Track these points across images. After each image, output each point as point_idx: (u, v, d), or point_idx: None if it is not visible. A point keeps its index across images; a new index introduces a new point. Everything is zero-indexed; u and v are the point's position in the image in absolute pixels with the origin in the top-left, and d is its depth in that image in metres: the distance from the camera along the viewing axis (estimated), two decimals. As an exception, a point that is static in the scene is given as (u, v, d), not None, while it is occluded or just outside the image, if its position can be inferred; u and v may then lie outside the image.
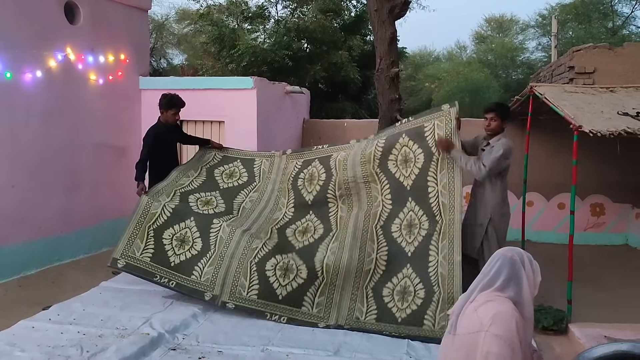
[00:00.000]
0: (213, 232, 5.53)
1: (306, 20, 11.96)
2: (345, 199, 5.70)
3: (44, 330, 4.63)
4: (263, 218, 5.79)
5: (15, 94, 6.14)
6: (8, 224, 6.12)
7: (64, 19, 6.80)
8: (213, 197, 5.96)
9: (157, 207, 5.62)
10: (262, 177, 6.19)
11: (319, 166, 5.92)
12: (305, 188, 5.87)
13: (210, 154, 6.41)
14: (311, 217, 5.72)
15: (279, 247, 5.41)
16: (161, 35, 24.99)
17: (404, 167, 5.36)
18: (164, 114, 6.15)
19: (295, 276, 5.22)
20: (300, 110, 9.57)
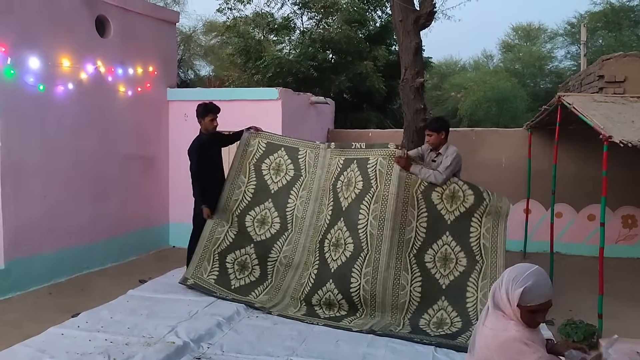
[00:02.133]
0: (270, 262, 5.95)
1: (331, 31, 12.01)
2: (377, 214, 5.42)
3: (73, 337, 4.73)
4: (312, 229, 5.82)
5: (47, 106, 6.31)
6: (40, 233, 6.27)
7: (95, 32, 6.98)
8: (267, 211, 6.08)
9: (221, 232, 6.03)
10: (307, 170, 6.06)
11: (356, 171, 5.65)
12: (342, 192, 5.69)
13: (254, 140, 6.33)
14: (341, 226, 5.56)
15: (320, 277, 5.52)
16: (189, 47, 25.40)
17: (449, 202, 5.43)
18: (203, 123, 6.19)
19: (338, 309, 5.41)
20: (324, 120, 9.61)
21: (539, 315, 2.15)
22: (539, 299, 2.10)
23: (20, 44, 5.93)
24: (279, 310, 5.50)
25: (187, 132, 8.18)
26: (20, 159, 6.01)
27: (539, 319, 2.16)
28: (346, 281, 5.36)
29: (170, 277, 6.73)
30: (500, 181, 8.70)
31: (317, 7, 12.78)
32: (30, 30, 6.06)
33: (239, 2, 12.84)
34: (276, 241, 5.95)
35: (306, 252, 5.74)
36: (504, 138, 8.79)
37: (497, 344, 2.15)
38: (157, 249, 8.22)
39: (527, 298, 2.09)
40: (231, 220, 6.09)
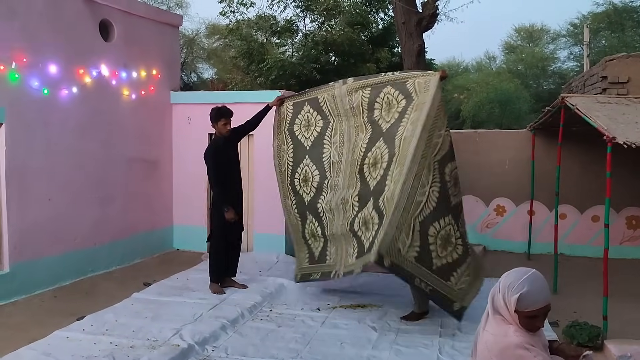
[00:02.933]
0: (322, 216, 5.94)
1: (334, 33, 12.04)
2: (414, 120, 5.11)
3: (78, 340, 4.73)
4: (349, 166, 5.72)
5: (51, 110, 6.34)
6: (44, 236, 6.29)
7: (98, 36, 7.01)
8: (307, 167, 6.09)
9: (294, 219, 6.18)
10: (333, 114, 5.97)
11: (394, 92, 5.40)
12: (382, 117, 5.46)
13: (283, 107, 6.36)
14: (380, 145, 5.35)
15: (363, 200, 5.39)
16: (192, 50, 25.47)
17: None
18: (217, 127, 6.19)
19: (372, 226, 5.10)
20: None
21: (537, 320, 2.13)
22: (536, 304, 2.08)
23: (25, 48, 5.96)
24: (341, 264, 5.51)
25: (191, 135, 8.26)
26: (25, 163, 6.03)
27: (538, 324, 2.15)
28: (380, 190, 5.14)
29: (174, 279, 6.74)
30: (503, 183, 8.72)
31: (319, 9, 12.83)
32: (34, 34, 6.09)
33: (242, 5, 12.89)
34: (320, 195, 5.95)
35: (345, 188, 5.66)
36: (508, 139, 8.79)
37: (498, 349, 2.15)
38: (161, 251, 8.23)
39: (524, 304, 2.07)
40: (288, 193, 6.21)
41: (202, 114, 8.13)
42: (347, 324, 5.40)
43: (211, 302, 5.82)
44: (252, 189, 8.00)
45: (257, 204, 7.95)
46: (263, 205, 7.79)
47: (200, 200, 8.27)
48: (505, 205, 8.78)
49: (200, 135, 8.16)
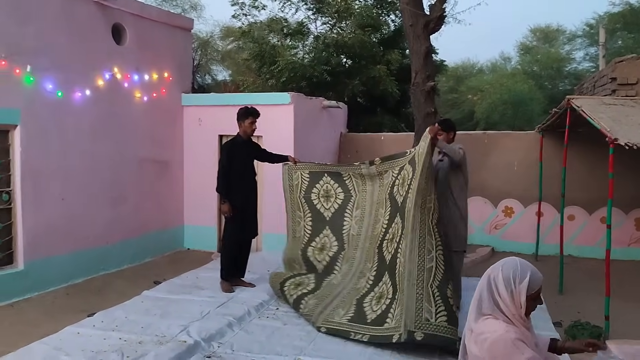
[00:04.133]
0: (322, 283, 5.88)
1: (345, 35, 12.11)
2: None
3: (88, 336, 4.86)
4: (367, 242, 5.80)
5: (65, 112, 6.52)
6: (58, 235, 6.47)
7: (111, 40, 7.18)
8: (326, 238, 6.12)
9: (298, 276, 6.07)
10: (357, 189, 6.10)
11: (409, 169, 5.46)
12: (398, 192, 5.56)
13: (296, 174, 6.33)
14: (397, 220, 5.40)
15: (379, 275, 5.38)
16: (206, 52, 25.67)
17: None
18: (242, 125, 6.25)
19: (385, 299, 5.13)
20: (337, 123, 9.71)
21: (537, 300, 2.29)
22: (539, 282, 2.26)
23: (39, 51, 6.14)
24: (324, 317, 5.32)
25: (201, 137, 8.41)
26: (40, 164, 6.21)
27: (538, 302, 2.31)
28: (393, 266, 5.20)
29: (184, 278, 6.86)
30: (512, 184, 8.74)
31: (330, 12, 12.89)
32: (48, 38, 6.27)
33: (254, 8, 13.01)
34: (335, 263, 6.00)
35: (362, 262, 5.74)
36: (516, 141, 8.80)
37: (487, 346, 2.23)
38: (172, 250, 8.39)
39: (532, 286, 2.23)
40: (300, 261, 6.17)
41: (212, 115, 8.33)
42: (352, 323, 5.47)
43: (219, 300, 5.93)
44: (261, 189, 8.08)
45: (265, 204, 8.05)
46: (271, 206, 7.89)
47: (211, 201, 8.39)
48: (514, 207, 8.79)
49: (211, 136, 8.31)
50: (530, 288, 2.22)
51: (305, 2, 13.27)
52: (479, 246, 8.70)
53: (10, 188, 6.00)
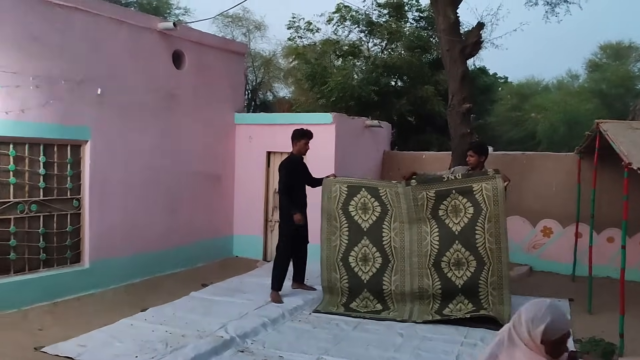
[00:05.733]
0: (387, 295, 6.46)
1: (394, 56, 12.56)
2: (492, 232, 6.13)
3: (140, 327, 5.54)
4: (415, 256, 6.35)
5: (129, 129, 7.32)
6: (120, 239, 7.24)
7: (171, 65, 7.97)
8: (365, 248, 6.56)
9: (337, 289, 6.61)
10: (393, 205, 6.50)
11: (461, 199, 6.21)
12: (450, 219, 6.25)
13: (335, 186, 6.66)
14: (459, 248, 6.19)
15: (446, 294, 6.24)
16: (268, 70, 26.68)
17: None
18: (297, 145, 6.83)
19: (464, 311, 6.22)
20: (380, 142, 10.13)
21: (563, 345, 2.26)
22: (559, 332, 2.21)
23: (108, 75, 6.96)
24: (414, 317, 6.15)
25: (251, 152, 9.07)
26: (106, 175, 7.01)
27: (564, 349, 2.29)
28: (475, 291, 6.15)
29: (229, 282, 7.48)
30: (551, 205, 8.84)
31: (382, 34, 13.40)
32: (116, 63, 7.10)
33: (309, 31, 13.72)
34: (384, 274, 6.46)
35: (417, 277, 6.31)
36: (555, 162, 8.91)
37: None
38: (221, 257, 9.04)
39: (549, 333, 2.19)
40: (337, 267, 6.62)
41: (261, 133, 8.98)
42: (378, 329, 5.87)
43: (257, 303, 6.47)
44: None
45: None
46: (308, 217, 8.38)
47: (258, 213, 9.02)
48: (552, 227, 8.88)
49: (259, 152, 8.95)
50: (549, 334, 2.18)
51: (358, 24, 13.86)
52: (517, 265, 8.82)
53: (80, 195, 6.82)
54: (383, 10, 13.93)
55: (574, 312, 6.52)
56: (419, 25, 13.90)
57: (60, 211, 6.60)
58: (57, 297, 6.43)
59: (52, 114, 6.33)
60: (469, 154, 6.67)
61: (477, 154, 6.57)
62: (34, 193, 6.33)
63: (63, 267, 6.65)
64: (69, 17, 6.52)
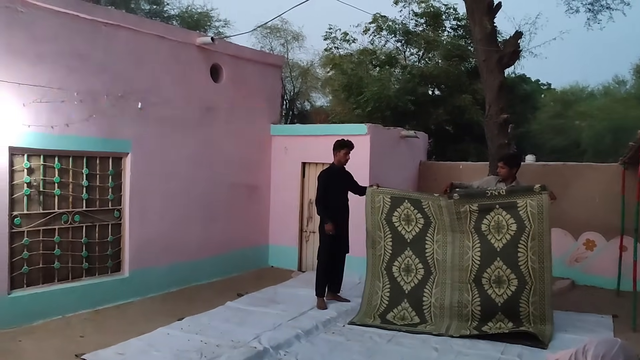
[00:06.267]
0: (425, 308, 6.38)
1: (431, 66, 12.49)
2: (535, 250, 6.00)
3: (176, 336, 5.65)
4: (456, 270, 6.29)
5: (168, 142, 7.50)
6: (158, 248, 7.41)
7: (209, 78, 8.15)
8: (409, 259, 6.56)
9: (377, 293, 6.64)
10: (436, 217, 6.47)
11: (505, 215, 6.08)
12: (493, 235, 6.12)
13: (378, 196, 6.69)
14: (500, 265, 6.09)
15: (485, 311, 6.09)
16: (306, 80, 26.91)
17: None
18: (337, 155, 6.97)
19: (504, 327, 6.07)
20: (416, 152, 10.06)
21: None
22: None
23: (148, 89, 7.17)
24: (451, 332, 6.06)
25: (286, 163, 9.16)
26: (145, 186, 7.20)
27: None
28: (516, 310, 6.03)
29: (264, 292, 7.56)
30: (593, 217, 8.59)
31: (419, 43, 13.36)
32: (156, 78, 7.31)
33: (345, 41, 13.79)
34: (425, 286, 6.45)
35: (457, 291, 6.24)
36: (597, 173, 8.66)
37: None
38: (257, 267, 9.14)
39: None
40: (381, 276, 6.67)
41: (296, 144, 9.07)
42: (412, 343, 5.81)
43: (291, 314, 6.51)
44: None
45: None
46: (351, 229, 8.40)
47: (293, 223, 9.09)
48: (595, 240, 8.62)
49: (295, 163, 9.03)
50: None
51: (395, 34, 13.86)
52: (559, 278, 8.59)
53: (120, 206, 7.04)
54: (420, 19, 13.91)
55: (617, 330, 6.31)
56: (457, 33, 13.79)
57: (102, 221, 6.82)
58: (99, 305, 6.63)
59: (95, 127, 6.57)
60: (499, 165, 6.56)
61: (508, 165, 6.46)
62: (78, 204, 6.56)
63: (104, 276, 6.86)
64: (112, 35, 6.76)
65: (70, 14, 6.28)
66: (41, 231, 6.19)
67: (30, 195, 6.07)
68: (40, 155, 6.16)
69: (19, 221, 5.98)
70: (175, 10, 23.46)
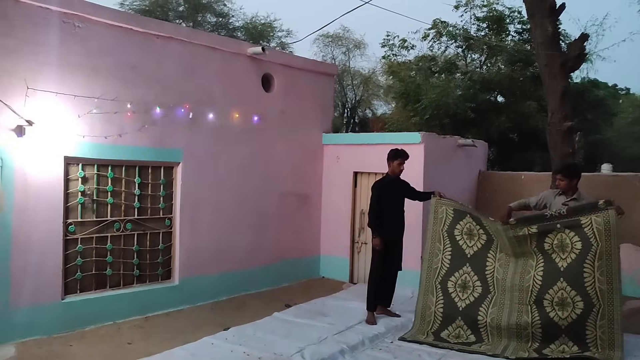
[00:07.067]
0: (481, 327, 6.04)
1: (492, 72, 12.03)
2: (603, 270, 5.59)
3: (220, 347, 5.62)
4: (516, 290, 5.91)
5: (219, 151, 7.56)
6: (208, 257, 7.46)
7: (261, 88, 8.17)
8: (466, 275, 6.24)
9: (430, 307, 6.36)
10: (496, 235, 6.17)
11: (569, 233, 5.70)
12: (557, 254, 5.74)
13: (441, 208, 6.48)
14: (563, 286, 5.66)
15: (547, 334, 5.67)
16: (367, 88, 26.79)
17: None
18: (391, 165, 6.77)
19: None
20: (475, 162, 9.66)
21: None
22: None
23: (200, 100, 7.26)
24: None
25: (338, 173, 9.03)
26: (196, 195, 7.28)
27: None
28: (582, 334, 5.60)
29: (312, 304, 7.43)
30: (670, 232, 7.90)
31: (481, 48, 12.91)
32: (208, 88, 7.39)
33: (404, 48, 13.54)
34: (481, 305, 6.11)
35: (515, 312, 5.85)
36: None
37: None
38: (307, 278, 9.04)
39: None
40: (435, 290, 6.38)
41: (348, 153, 8.93)
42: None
43: (337, 327, 6.35)
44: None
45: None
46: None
47: (345, 234, 8.93)
48: (671, 256, 7.92)
49: (347, 173, 8.89)
50: None
51: (455, 40, 13.47)
52: (630, 298, 7.95)
53: (171, 215, 7.14)
54: (482, 24, 13.46)
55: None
56: (521, 38, 13.23)
57: (153, 229, 6.94)
58: (148, 312, 6.73)
59: (147, 137, 6.70)
60: (558, 178, 6.13)
61: (567, 177, 5.98)
62: (129, 212, 6.71)
63: (154, 283, 6.97)
64: (165, 47, 6.90)
65: (124, 27, 6.46)
66: (94, 238, 6.37)
67: (84, 203, 6.27)
68: (94, 164, 6.35)
69: (73, 229, 6.18)
70: (239, 21, 24.02)
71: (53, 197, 5.90)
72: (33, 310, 5.75)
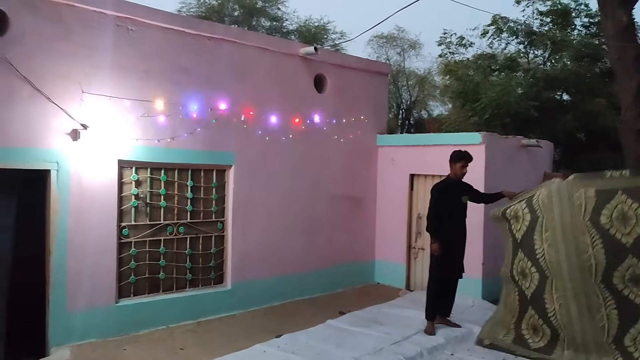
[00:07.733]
0: (552, 316, 5.59)
1: (557, 68, 11.38)
2: None
3: (272, 355, 5.46)
4: (577, 271, 5.35)
5: (271, 153, 7.44)
6: (260, 261, 7.34)
7: (313, 89, 8.00)
8: (522, 261, 5.85)
9: (514, 300, 5.96)
10: (543, 209, 5.64)
11: (629, 202, 5.07)
12: (617, 228, 5.11)
13: (509, 206, 6.11)
14: (634, 262, 5.06)
15: (626, 316, 5.12)
16: (423, 88, 26.27)
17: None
18: (454, 167, 6.46)
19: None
20: (539, 163, 9.13)
21: None
22: None
23: (252, 102, 7.16)
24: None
25: (394, 175, 8.73)
26: (247, 197, 7.18)
27: None
28: None
29: (367, 311, 7.15)
30: None
31: (544, 44, 12.28)
32: (259, 90, 7.29)
33: (461, 46, 13.07)
34: (544, 293, 5.66)
35: (583, 295, 5.31)
36: None
37: None
38: (362, 284, 8.77)
39: None
40: (511, 281, 6.03)
41: (404, 155, 8.62)
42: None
43: (394, 337, 6.05)
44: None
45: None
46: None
47: (401, 239, 8.61)
48: None
49: (402, 175, 8.58)
50: None
51: (516, 36, 12.88)
52: None
53: (223, 218, 7.07)
54: (545, 18, 12.80)
55: None
56: (589, 32, 12.48)
57: (205, 233, 6.88)
58: (201, 317, 6.67)
59: (200, 140, 6.65)
60: None
61: None
62: (182, 215, 6.67)
63: (207, 288, 6.90)
64: (217, 48, 6.84)
65: (176, 29, 6.44)
66: (147, 242, 6.36)
67: (137, 206, 6.27)
68: (147, 167, 6.34)
69: (127, 232, 6.18)
70: (293, 25, 24.06)
71: (107, 200, 5.93)
72: (88, 314, 5.79)
